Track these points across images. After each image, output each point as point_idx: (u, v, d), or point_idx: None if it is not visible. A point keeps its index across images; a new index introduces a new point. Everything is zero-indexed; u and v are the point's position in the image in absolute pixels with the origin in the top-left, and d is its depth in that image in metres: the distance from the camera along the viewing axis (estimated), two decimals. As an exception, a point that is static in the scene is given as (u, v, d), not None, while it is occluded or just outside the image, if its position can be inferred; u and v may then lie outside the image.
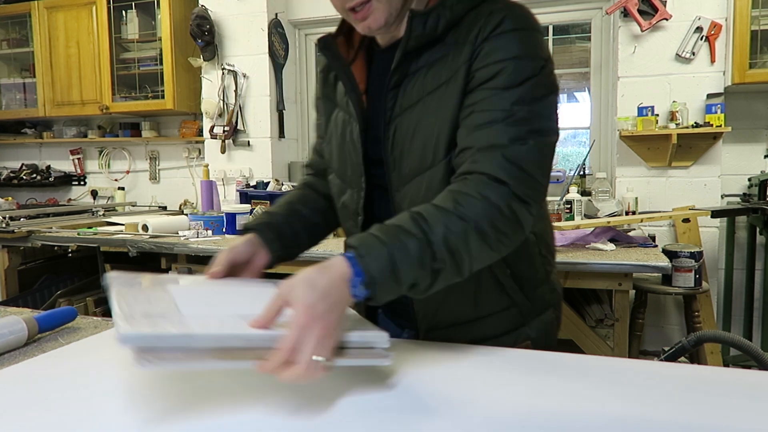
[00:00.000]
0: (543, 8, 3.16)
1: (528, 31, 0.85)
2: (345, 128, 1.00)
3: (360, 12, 0.88)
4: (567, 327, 1.99)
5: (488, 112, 0.83)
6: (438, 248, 0.75)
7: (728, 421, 0.64)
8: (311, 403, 0.70)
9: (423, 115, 0.89)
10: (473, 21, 0.87)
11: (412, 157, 0.90)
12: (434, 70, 0.88)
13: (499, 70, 0.83)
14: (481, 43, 0.85)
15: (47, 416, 0.67)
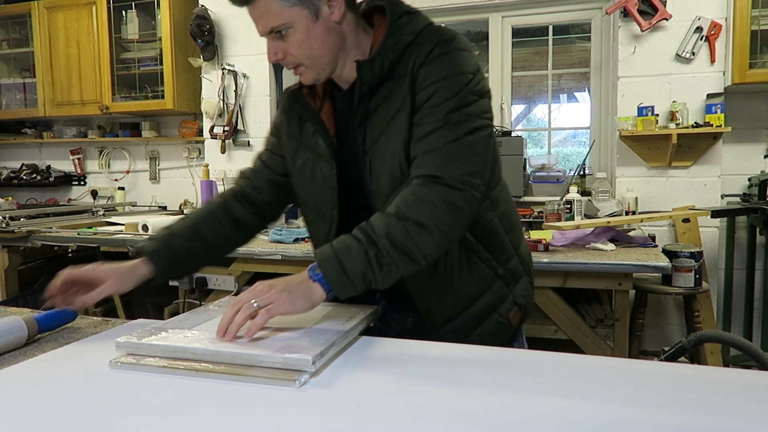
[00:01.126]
0: (543, 8, 3.16)
1: (453, 53, 0.99)
2: (314, 166, 1.12)
3: (294, 70, 1.05)
4: (567, 327, 1.99)
5: (428, 125, 0.98)
6: (382, 246, 0.92)
7: (728, 421, 0.64)
8: (310, 403, 0.70)
9: (387, 144, 1.03)
10: (410, 54, 1.01)
11: (385, 180, 1.04)
12: (388, 103, 1.03)
13: (435, 91, 0.98)
14: (417, 70, 1.00)
15: (47, 416, 0.67)
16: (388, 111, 1.03)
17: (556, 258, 1.90)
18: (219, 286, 2.37)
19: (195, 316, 1.02)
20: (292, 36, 1.00)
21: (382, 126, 1.03)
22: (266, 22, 0.99)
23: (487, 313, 1.12)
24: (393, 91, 1.02)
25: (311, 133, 1.13)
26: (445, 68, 0.98)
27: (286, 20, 0.98)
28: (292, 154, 1.18)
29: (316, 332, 0.90)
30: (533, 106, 3.74)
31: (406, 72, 1.00)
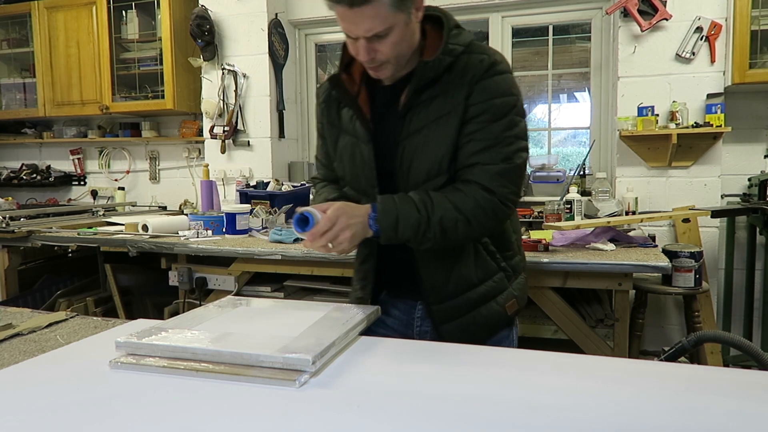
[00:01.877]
0: (543, 8, 3.16)
1: (506, 74, 1.17)
2: (354, 149, 1.25)
3: (373, 67, 1.16)
4: (567, 327, 1.99)
5: (483, 141, 1.14)
6: (433, 226, 1.12)
7: (728, 421, 0.64)
8: (310, 403, 0.70)
9: (427, 139, 1.16)
10: (466, 65, 1.15)
11: (417, 170, 1.18)
12: (435, 103, 1.16)
13: (489, 107, 1.14)
14: (474, 85, 1.14)
15: (47, 416, 0.67)
16: (435, 111, 1.15)
17: (556, 258, 1.90)
18: (219, 286, 2.37)
19: (195, 316, 1.02)
20: (389, 38, 1.10)
21: (424, 122, 1.16)
22: (372, 25, 1.08)
23: (485, 299, 1.25)
24: (443, 95, 1.15)
25: (349, 119, 1.26)
26: (500, 88, 1.14)
27: (390, 24, 1.08)
28: (333, 140, 1.31)
29: (316, 332, 0.90)
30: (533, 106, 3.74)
31: (463, 82, 1.14)
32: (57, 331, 1.08)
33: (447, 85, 1.15)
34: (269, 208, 2.81)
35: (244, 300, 1.16)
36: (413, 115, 1.17)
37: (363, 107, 1.23)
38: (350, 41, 1.14)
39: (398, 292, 1.33)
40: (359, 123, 1.23)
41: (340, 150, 1.29)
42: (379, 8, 1.05)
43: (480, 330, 1.26)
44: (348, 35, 1.13)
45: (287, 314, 1.07)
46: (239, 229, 2.53)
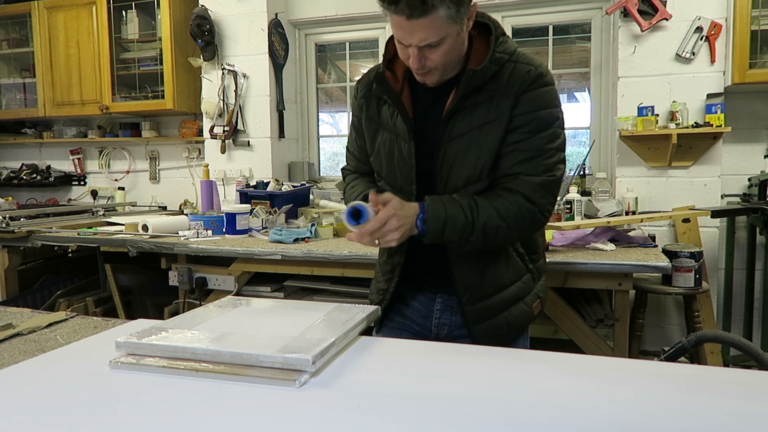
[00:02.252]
0: (543, 8, 3.16)
1: (551, 86, 1.21)
2: (392, 146, 1.27)
3: (421, 73, 1.17)
4: (567, 327, 1.99)
5: (526, 152, 1.18)
6: (476, 231, 1.16)
7: (728, 421, 0.64)
8: (310, 403, 0.70)
9: (470, 144, 1.19)
10: (511, 74, 1.18)
11: (458, 174, 1.21)
12: (480, 110, 1.18)
13: (534, 118, 1.18)
14: (520, 95, 1.17)
15: (47, 416, 0.67)
16: (480, 117, 1.18)
17: (556, 258, 1.90)
18: (219, 286, 2.37)
19: (195, 316, 1.02)
20: (441, 47, 1.12)
21: (466, 128, 1.19)
22: (427, 35, 1.09)
23: (515, 299, 1.30)
24: (488, 102, 1.18)
25: (389, 115, 1.28)
26: (545, 100, 1.19)
27: (444, 34, 1.10)
28: (371, 136, 1.33)
29: (316, 332, 0.90)
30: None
31: (509, 92, 1.17)
32: (57, 331, 1.08)
33: (492, 93, 1.18)
34: (269, 208, 2.81)
35: (244, 300, 1.16)
36: (457, 120, 1.19)
37: (406, 105, 1.25)
38: (401, 46, 1.15)
39: (420, 286, 1.36)
40: (401, 120, 1.24)
41: (378, 145, 1.31)
42: (436, 20, 1.07)
43: (510, 330, 1.31)
44: (400, 42, 1.14)
45: (287, 314, 1.07)
46: (239, 229, 2.53)
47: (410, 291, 1.37)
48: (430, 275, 1.33)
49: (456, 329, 1.33)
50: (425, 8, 1.05)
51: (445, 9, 1.06)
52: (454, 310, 1.32)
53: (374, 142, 1.32)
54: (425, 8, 1.05)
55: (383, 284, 1.38)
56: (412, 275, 1.34)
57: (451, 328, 1.33)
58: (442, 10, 1.06)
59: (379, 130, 1.30)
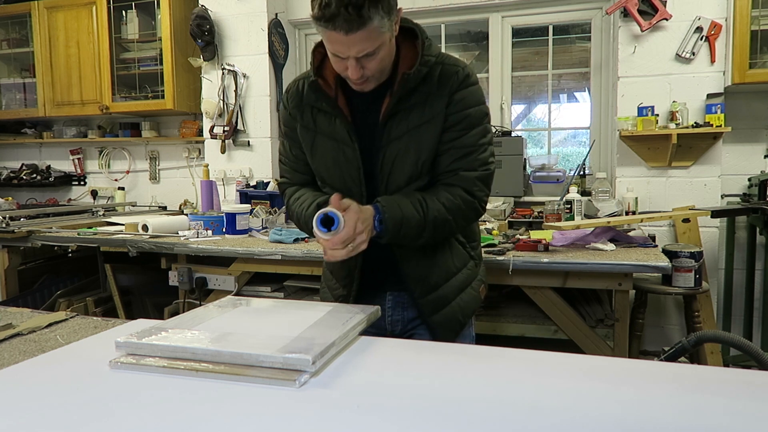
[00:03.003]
0: (543, 8, 3.16)
1: (477, 85, 1.27)
2: (335, 151, 1.28)
3: (359, 82, 1.19)
4: (567, 327, 1.99)
5: (462, 149, 1.24)
6: (428, 226, 1.22)
7: (728, 421, 0.64)
8: (310, 403, 0.70)
9: (409, 144, 1.23)
10: (441, 76, 1.23)
11: (399, 174, 1.25)
12: (415, 112, 1.23)
13: (466, 116, 1.24)
14: (452, 95, 1.23)
15: (47, 416, 0.67)
16: (416, 118, 1.22)
17: (556, 258, 1.90)
18: (219, 286, 2.37)
19: (195, 316, 1.02)
20: (378, 55, 1.14)
21: (405, 130, 1.23)
22: (364, 46, 1.11)
23: (464, 285, 1.36)
24: (422, 104, 1.22)
25: (326, 122, 1.29)
26: (475, 98, 1.25)
27: (381, 42, 1.13)
28: (309, 145, 1.33)
29: (316, 332, 0.90)
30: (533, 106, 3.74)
31: (442, 93, 1.22)
32: (57, 331, 1.08)
33: (425, 95, 1.22)
34: (269, 208, 2.81)
35: (244, 300, 1.16)
36: (394, 123, 1.23)
37: (344, 110, 1.27)
38: (336, 59, 1.17)
39: (373, 286, 1.37)
40: (340, 125, 1.27)
41: (319, 154, 1.32)
42: (371, 31, 1.09)
43: (464, 316, 1.37)
44: (336, 55, 1.16)
45: (287, 314, 1.07)
46: (239, 229, 2.53)
47: (368, 292, 1.37)
48: (380, 274, 1.34)
49: (409, 323, 1.36)
50: (362, 21, 1.07)
51: (378, 19, 1.08)
52: (405, 305, 1.35)
53: (314, 151, 1.33)
54: (362, 21, 1.07)
55: (341, 290, 1.38)
56: (367, 277, 1.36)
57: (404, 323, 1.36)
58: (376, 20, 1.08)
59: (317, 138, 1.31)
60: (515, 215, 2.74)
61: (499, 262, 1.91)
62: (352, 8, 1.06)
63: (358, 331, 0.98)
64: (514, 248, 2.02)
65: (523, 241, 2.04)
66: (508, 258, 1.90)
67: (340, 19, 1.07)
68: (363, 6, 1.06)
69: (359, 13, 1.06)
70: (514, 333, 2.13)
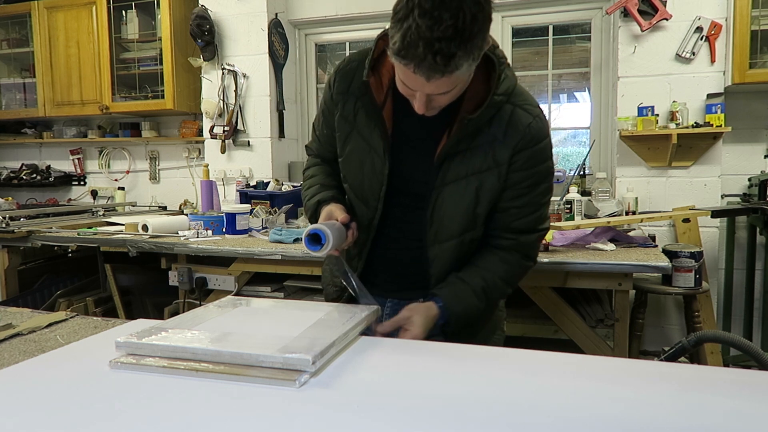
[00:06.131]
0: (543, 8, 3.16)
1: (548, 139, 1.16)
2: (365, 156, 1.19)
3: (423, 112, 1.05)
4: (567, 327, 1.99)
5: (525, 207, 1.17)
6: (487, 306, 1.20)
7: (728, 421, 0.64)
8: (310, 403, 0.70)
9: (464, 192, 1.13)
10: (510, 122, 1.11)
11: (450, 222, 1.16)
12: (476, 157, 1.12)
13: (533, 174, 1.14)
14: (520, 152, 1.12)
15: (47, 416, 0.67)
16: (476, 164, 1.12)
17: (556, 258, 1.90)
18: (219, 286, 2.37)
19: (195, 316, 1.02)
20: (452, 93, 1.02)
21: (460, 174, 1.13)
22: (445, 88, 0.99)
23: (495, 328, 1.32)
24: (482, 147, 1.12)
25: (365, 123, 1.18)
26: (544, 154, 1.15)
27: (459, 84, 1.01)
28: (343, 137, 1.23)
29: (316, 332, 0.90)
30: (533, 106, 3.73)
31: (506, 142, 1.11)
32: (57, 331, 1.08)
33: (489, 137, 1.11)
34: (269, 208, 2.81)
35: (244, 300, 1.16)
36: (452, 165, 1.13)
37: (387, 122, 1.15)
38: (404, 87, 1.03)
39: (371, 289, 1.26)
40: (378, 136, 1.16)
41: (349, 150, 1.22)
42: (459, 74, 0.96)
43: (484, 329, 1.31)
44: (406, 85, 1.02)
45: (287, 314, 1.07)
46: (239, 229, 2.53)
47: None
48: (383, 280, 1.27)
49: None
50: (448, 70, 0.93)
51: (466, 67, 0.95)
52: None
53: (345, 145, 1.23)
54: (448, 70, 0.93)
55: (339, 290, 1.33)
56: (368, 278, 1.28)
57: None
58: (464, 68, 0.95)
59: (353, 134, 1.20)
60: (515, 215, 2.73)
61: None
62: (441, 58, 0.91)
63: (358, 331, 0.98)
64: (514, 248, 2.01)
65: (523, 241, 2.04)
66: (508, 258, 1.90)
67: (424, 65, 0.92)
68: (454, 57, 0.91)
69: (447, 63, 0.92)
70: (514, 333, 2.13)
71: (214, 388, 0.75)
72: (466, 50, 0.93)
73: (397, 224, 1.22)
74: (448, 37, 0.89)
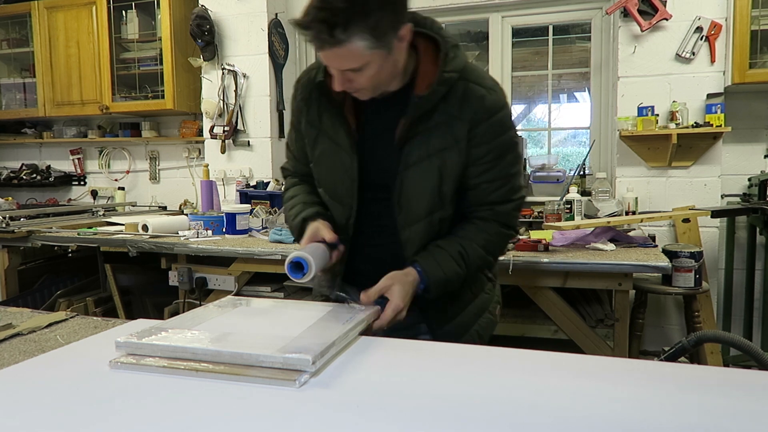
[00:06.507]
0: (543, 8, 3.16)
1: (506, 108, 1.16)
2: (335, 156, 1.20)
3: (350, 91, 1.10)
4: (567, 327, 1.99)
5: (495, 182, 1.17)
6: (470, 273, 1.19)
7: (728, 421, 0.64)
8: (310, 403, 0.70)
9: (427, 172, 1.14)
10: (464, 97, 1.12)
11: (417, 204, 1.16)
12: (435, 136, 1.13)
13: (495, 146, 1.15)
14: (477, 126, 1.12)
15: (47, 416, 0.67)
16: (437, 142, 1.13)
17: (556, 258, 1.90)
18: (219, 286, 2.37)
19: (195, 316, 1.02)
20: (365, 72, 1.05)
21: (425, 154, 1.13)
22: (344, 64, 1.03)
23: (482, 309, 1.30)
24: (440, 127, 1.13)
25: (331, 124, 1.20)
26: (504, 125, 1.16)
27: (366, 61, 1.03)
28: (311, 142, 1.25)
29: (316, 332, 0.90)
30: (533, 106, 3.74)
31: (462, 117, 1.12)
32: (57, 331, 1.08)
33: (446, 116, 1.13)
34: (269, 208, 2.81)
35: (244, 300, 1.16)
36: (412, 147, 1.14)
37: (349, 117, 1.18)
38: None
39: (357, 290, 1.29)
40: (344, 132, 1.18)
41: (318, 153, 1.24)
42: (352, 49, 1.00)
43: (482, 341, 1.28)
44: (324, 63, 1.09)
45: (287, 314, 1.07)
46: (239, 229, 2.53)
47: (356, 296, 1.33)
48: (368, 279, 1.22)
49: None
50: (334, 41, 0.98)
51: (360, 41, 0.99)
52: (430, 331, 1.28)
53: (315, 149, 1.24)
54: (334, 41, 0.98)
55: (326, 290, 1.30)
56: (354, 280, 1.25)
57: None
58: (356, 42, 0.99)
59: (320, 137, 1.22)
60: (515, 215, 2.74)
61: (499, 262, 1.90)
62: (325, 26, 0.96)
63: (358, 331, 0.98)
64: (514, 248, 2.02)
65: (523, 241, 2.04)
66: (508, 258, 1.90)
67: (311, 33, 0.99)
68: (336, 26, 0.96)
69: (331, 33, 0.97)
70: (514, 333, 2.13)
71: (214, 388, 0.75)
72: (357, 25, 0.97)
73: (374, 222, 1.23)
74: (335, 8, 0.95)
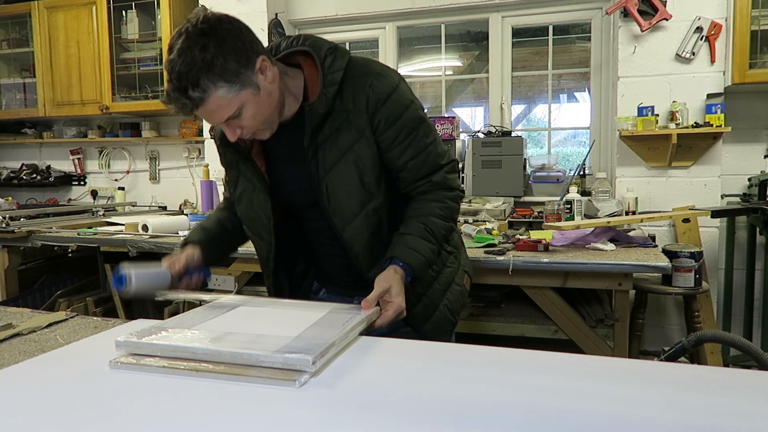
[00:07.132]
0: (543, 8, 3.16)
1: (397, 86, 1.17)
2: (252, 195, 1.26)
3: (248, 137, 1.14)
4: (567, 327, 1.99)
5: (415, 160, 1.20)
6: (440, 243, 1.23)
7: (728, 421, 0.64)
8: (310, 403, 0.70)
9: (346, 170, 1.17)
10: (354, 91, 1.14)
11: (347, 201, 1.19)
12: (342, 135, 1.16)
13: (401, 127, 1.17)
14: (375, 113, 1.15)
15: (47, 416, 0.67)
16: (344, 141, 1.16)
17: (556, 258, 1.90)
18: (219, 286, 2.37)
19: (195, 316, 1.02)
20: (246, 114, 1.07)
21: (337, 155, 1.16)
22: (221, 114, 1.06)
23: (448, 284, 1.32)
24: (344, 124, 1.16)
25: (246, 167, 1.25)
26: (401, 103, 1.17)
27: (237, 106, 1.05)
28: (233, 181, 1.31)
29: (316, 332, 0.90)
30: (533, 106, 3.74)
31: (359, 108, 1.15)
32: (57, 331, 1.08)
33: (344, 113, 1.16)
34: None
35: (244, 300, 1.16)
36: (324, 153, 1.17)
37: (257, 161, 1.23)
38: None
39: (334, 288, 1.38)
40: (257, 176, 1.24)
41: (239, 193, 1.29)
42: (217, 100, 1.02)
43: (453, 314, 1.33)
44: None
45: (287, 314, 1.07)
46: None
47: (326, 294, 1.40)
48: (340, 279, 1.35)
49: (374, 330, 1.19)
50: (194, 101, 1.02)
51: (217, 90, 1.02)
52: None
53: (236, 189, 1.30)
54: (194, 101, 1.02)
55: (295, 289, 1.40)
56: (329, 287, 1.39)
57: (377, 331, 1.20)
58: (215, 92, 1.02)
59: (240, 177, 1.28)
60: (515, 215, 2.74)
61: (499, 262, 1.91)
62: (179, 92, 1.01)
63: (358, 331, 0.98)
64: (514, 248, 2.02)
65: (523, 241, 2.04)
66: (508, 258, 1.90)
67: (174, 104, 1.04)
68: (187, 88, 1.00)
69: (187, 95, 1.01)
70: (514, 333, 2.13)
71: (214, 388, 0.75)
72: (205, 78, 1.00)
73: (321, 236, 1.31)
74: (179, 73, 1.01)
